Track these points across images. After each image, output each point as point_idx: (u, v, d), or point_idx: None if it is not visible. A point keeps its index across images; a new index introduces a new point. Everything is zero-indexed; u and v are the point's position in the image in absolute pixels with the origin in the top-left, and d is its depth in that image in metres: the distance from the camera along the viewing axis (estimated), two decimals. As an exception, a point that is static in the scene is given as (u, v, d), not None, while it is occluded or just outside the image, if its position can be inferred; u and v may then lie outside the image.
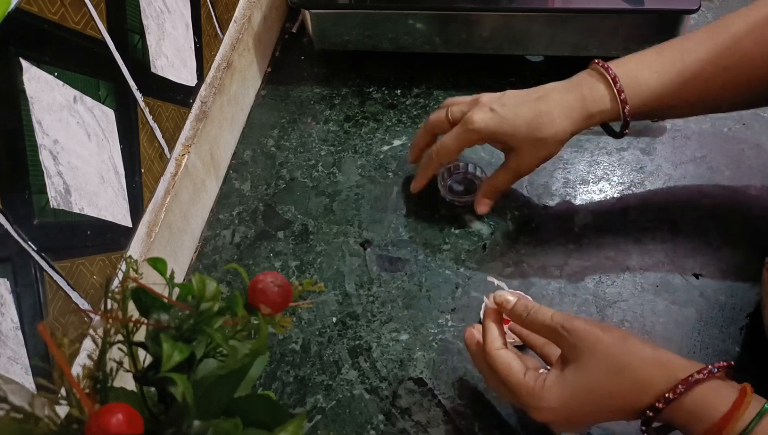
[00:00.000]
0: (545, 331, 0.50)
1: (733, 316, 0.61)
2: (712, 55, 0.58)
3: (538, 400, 0.47)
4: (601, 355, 0.45)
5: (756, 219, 0.68)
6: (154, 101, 0.63)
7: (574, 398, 0.46)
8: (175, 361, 0.32)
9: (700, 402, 0.43)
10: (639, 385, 0.45)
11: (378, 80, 0.86)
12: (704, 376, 0.43)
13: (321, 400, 0.60)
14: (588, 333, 0.46)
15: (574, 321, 0.47)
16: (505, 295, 0.53)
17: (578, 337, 0.46)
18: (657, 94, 0.60)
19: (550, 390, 0.47)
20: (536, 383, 0.48)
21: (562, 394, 0.47)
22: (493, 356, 0.50)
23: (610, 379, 0.45)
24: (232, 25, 0.80)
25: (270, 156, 0.80)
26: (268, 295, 0.36)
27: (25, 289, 0.46)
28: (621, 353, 0.45)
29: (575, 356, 0.47)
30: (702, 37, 0.60)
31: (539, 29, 0.78)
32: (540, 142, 0.61)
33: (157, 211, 0.64)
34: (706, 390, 0.43)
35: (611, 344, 0.46)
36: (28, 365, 0.46)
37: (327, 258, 0.70)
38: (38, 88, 0.47)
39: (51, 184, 0.49)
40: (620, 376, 0.45)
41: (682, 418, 0.44)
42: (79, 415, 0.31)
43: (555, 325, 0.48)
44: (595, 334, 0.46)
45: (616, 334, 0.46)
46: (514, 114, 0.62)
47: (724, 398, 0.42)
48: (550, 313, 0.49)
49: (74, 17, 0.50)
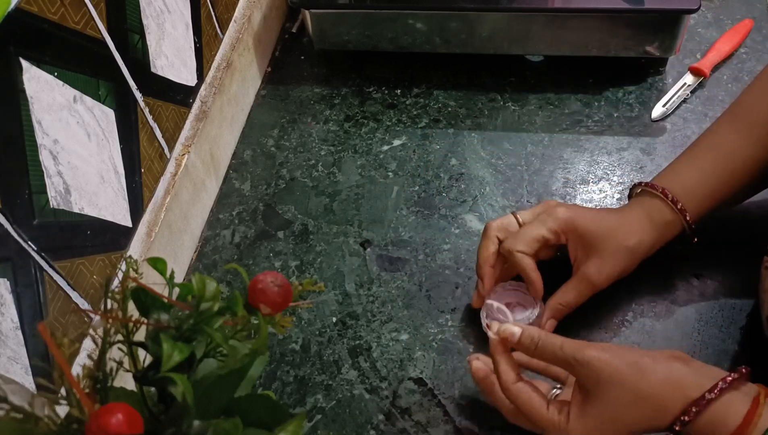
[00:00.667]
0: (557, 362, 0.49)
1: (732, 316, 0.61)
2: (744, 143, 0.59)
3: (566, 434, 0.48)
4: (618, 385, 0.46)
5: (756, 219, 0.68)
6: (154, 101, 0.63)
7: (598, 430, 0.47)
8: (175, 361, 0.32)
9: (714, 419, 0.44)
10: (657, 410, 0.46)
11: (378, 80, 0.86)
12: (715, 396, 0.44)
13: (321, 400, 0.60)
14: (601, 363, 0.46)
15: (586, 351, 0.47)
16: (510, 327, 0.51)
17: (593, 368, 0.46)
18: (708, 193, 0.60)
19: (574, 425, 0.47)
20: (560, 418, 0.48)
21: (587, 427, 0.47)
22: (512, 391, 0.50)
23: (630, 408, 0.46)
24: (232, 25, 0.80)
25: (270, 156, 0.80)
26: (268, 295, 0.36)
27: (25, 289, 0.46)
28: (636, 381, 0.46)
29: (593, 388, 0.47)
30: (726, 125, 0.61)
31: (539, 29, 0.78)
32: (625, 250, 0.58)
33: (157, 211, 0.64)
34: (718, 406, 0.44)
35: (625, 373, 0.46)
36: (28, 365, 0.46)
37: (327, 258, 0.70)
38: (38, 88, 0.47)
39: (51, 184, 0.49)
40: (639, 404, 0.46)
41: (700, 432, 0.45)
42: (79, 415, 0.31)
43: (567, 357, 0.48)
44: (607, 364, 0.46)
45: (630, 359, 0.46)
46: (599, 217, 0.59)
47: (735, 413, 0.43)
48: (559, 343, 0.49)
49: (74, 17, 0.50)
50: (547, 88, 0.82)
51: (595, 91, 0.81)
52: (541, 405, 0.49)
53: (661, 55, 0.79)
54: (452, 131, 0.79)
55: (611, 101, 0.80)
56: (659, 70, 0.82)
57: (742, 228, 0.67)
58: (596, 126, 0.78)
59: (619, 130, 0.77)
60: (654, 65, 0.82)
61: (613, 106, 0.79)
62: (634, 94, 0.80)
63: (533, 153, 0.76)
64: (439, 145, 0.78)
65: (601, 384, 0.46)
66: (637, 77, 0.82)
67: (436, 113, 0.81)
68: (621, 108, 0.79)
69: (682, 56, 0.82)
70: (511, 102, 0.81)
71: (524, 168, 0.75)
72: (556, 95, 0.81)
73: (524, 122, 0.79)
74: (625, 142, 0.76)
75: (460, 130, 0.79)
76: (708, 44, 0.82)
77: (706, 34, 0.85)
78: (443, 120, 0.81)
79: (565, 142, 0.77)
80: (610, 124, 0.78)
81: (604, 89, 0.81)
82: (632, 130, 0.77)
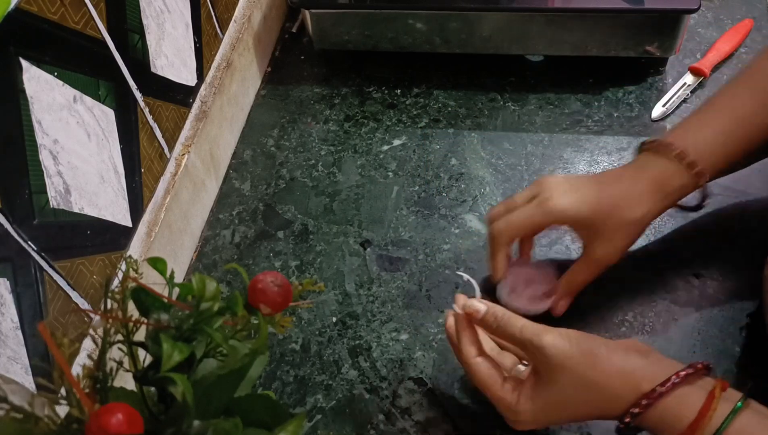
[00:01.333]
0: (516, 343, 0.50)
1: (733, 316, 0.61)
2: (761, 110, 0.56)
3: (515, 414, 0.49)
4: (570, 372, 0.46)
5: (756, 218, 0.68)
6: (154, 101, 0.63)
7: (547, 413, 0.48)
8: (175, 361, 0.32)
9: (666, 413, 0.44)
10: (607, 400, 0.46)
11: (378, 80, 0.86)
12: (666, 390, 0.43)
13: (321, 400, 0.60)
14: (557, 350, 0.47)
15: (543, 337, 0.47)
16: (474, 303, 0.52)
17: (548, 353, 0.47)
18: (724, 156, 0.57)
19: (524, 406, 0.48)
20: (512, 397, 0.49)
21: (535, 409, 0.48)
22: (471, 366, 0.51)
23: (579, 395, 0.46)
24: (232, 25, 0.80)
25: (270, 156, 0.80)
26: (268, 294, 0.36)
27: (25, 289, 0.46)
28: (588, 369, 0.46)
29: (545, 371, 0.47)
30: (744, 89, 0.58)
31: (539, 29, 0.78)
32: (628, 225, 0.56)
33: (157, 210, 0.64)
34: (671, 400, 0.44)
35: (579, 360, 0.46)
36: (28, 365, 0.46)
37: (327, 258, 0.70)
38: (38, 88, 0.47)
39: (51, 183, 0.49)
40: (588, 392, 0.46)
41: (651, 427, 0.45)
42: (79, 415, 0.31)
43: (524, 340, 0.48)
44: (562, 351, 0.46)
45: (584, 346, 0.47)
46: (596, 197, 0.56)
47: (690, 407, 0.43)
48: (519, 325, 0.49)
49: (74, 17, 0.50)
50: (547, 88, 0.82)
51: (595, 91, 0.81)
52: (496, 382, 0.50)
53: (661, 55, 0.78)
54: (452, 131, 0.79)
55: (611, 101, 0.80)
56: (659, 70, 0.82)
57: (742, 227, 0.67)
58: (596, 126, 0.78)
59: (619, 130, 0.77)
60: (654, 65, 0.82)
61: (613, 106, 0.79)
62: (634, 94, 0.80)
63: (533, 153, 0.76)
64: (439, 145, 0.78)
65: (552, 369, 0.46)
66: (637, 77, 0.82)
67: (436, 113, 0.81)
68: (621, 108, 0.79)
69: (682, 56, 0.82)
70: (511, 102, 0.81)
71: (524, 168, 0.75)
72: (556, 95, 0.81)
73: (524, 122, 0.79)
74: (625, 142, 0.76)
75: (460, 130, 0.79)
76: (708, 44, 0.82)
77: (706, 34, 0.85)
78: (443, 120, 0.81)
79: (565, 142, 0.77)
80: (610, 124, 0.78)
81: (604, 89, 0.81)
82: (632, 130, 0.77)
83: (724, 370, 0.58)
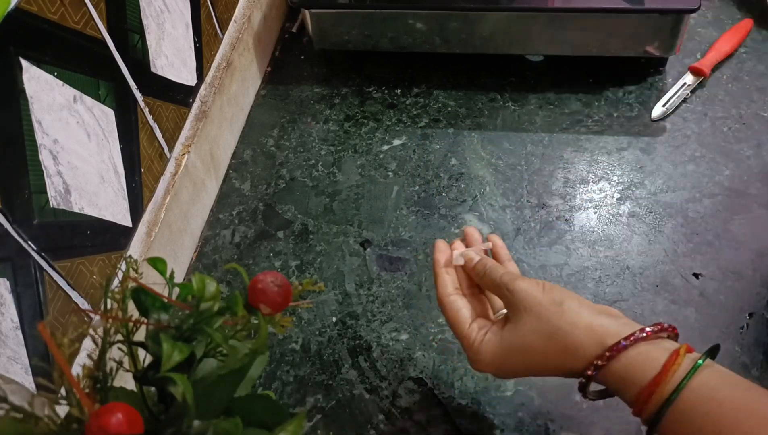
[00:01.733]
0: (494, 289, 0.50)
1: (732, 316, 0.61)
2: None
3: (475, 353, 0.49)
4: (536, 316, 0.46)
5: (756, 218, 0.68)
6: (154, 101, 0.63)
7: (507, 356, 0.47)
8: (175, 361, 0.32)
9: (631, 366, 0.43)
10: (569, 351, 0.45)
11: (378, 80, 0.86)
12: (632, 342, 0.43)
13: (321, 400, 0.60)
14: (527, 294, 0.47)
15: (519, 282, 0.48)
16: (469, 253, 0.53)
17: (518, 297, 0.47)
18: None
19: (486, 346, 0.48)
20: (476, 337, 0.49)
21: (496, 351, 0.48)
22: (444, 303, 0.52)
23: (542, 341, 0.46)
24: (232, 25, 0.80)
25: (270, 156, 0.80)
26: (268, 294, 0.36)
27: (25, 289, 0.46)
28: (554, 317, 0.46)
29: (514, 315, 0.48)
30: None
31: (539, 29, 0.78)
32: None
33: (156, 210, 0.64)
34: (636, 355, 0.43)
35: (547, 307, 0.46)
36: (28, 365, 0.46)
37: (327, 258, 0.70)
38: (38, 88, 0.47)
39: (51, 183, 0.49)
40: (552, 339, 0.45)
41: (615, 382, 0.44)
42: (79, 415, 0.31)
43: (501, 285, 0.49)
44: (533, 296, 0.47)
45: (555, 297, 0.47)
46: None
47: (655, 360, 0.42)
48: (501, 272, 0.50)
49: (74, 17, 0.50)
50: (547, 88, 0.82)
51: (595, 90, 0.81)
52: (464, 320, 0.50)
53: (661, 54, 0.79)
54: (452, 131, 0.79)
55: (611, 101, 0.80)
56: (659, 69, 0.82)
57: (742, 228, 0.67)
58: (596, 126, 0.78)
59: (619, 130, 0.77)
60: (654, 65, 0.82)
61: (613, 105, 0.79)
62: (634, 94, 0.80)
63: (533, 153, 0.76)
64: (439, 144, 0.78)
65: (521, 312, 0.47)
66: (637, 77, 0.82)
67: (436, 113, 0.81)
68: (621, 108, 0.79)
69: (682, 56, 0.82)
70: (511, 102, 0.81)
71: (524, 168, 0.75)
72: (556, 95, 0.81)
73: (524, 122, 0.79)
74: (625, 142, 0.76)
75: (460, 130, 0.79)
76: (708, 44, 0.82)
77: (706, 33, 0.85)
78: (443, 120, 0.81)
79: (565, 141, 0.77)
80: (610, 123, 0.78)
81: (604, 89, 0.81)
82: (632, 129, 0.77)
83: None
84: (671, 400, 0.40)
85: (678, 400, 0.40)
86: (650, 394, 0.41)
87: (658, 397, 0.41)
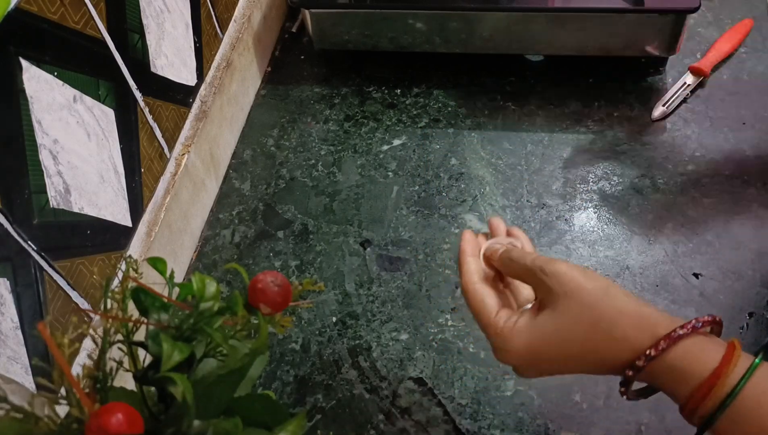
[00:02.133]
0: (525, 275, 0.46)
1: (733, 316, 0.61)
2: None
3: (504, 341, 0.44)
4: (578, 302, 0.41)
5: (756, 219, 0.68)
6: (154, 101, 0.63)
7: (543, 344, 0.43)
8: (175, 361, 0.32)
9: (686, 359, 0.39)
10: (615, 340, 0.40)
11: (378, 80, 0.86)
12: (688, 331, 0.39)
13: (321, 400, 0.60)
14: (569, 278, 0.42)
15: (558, 264, 0.43)
16: (492, 245, 0.50)
17: (558, 281, 0.42)
18: None
19: (519, 333, 0.43)
20: (506, 324, 0.44)
21: (531, 338, 0.43)
22: (469, 291, 0.47)
23: (584, 328, 0.41)
24: (232, 25, 0.80)
25: (270, 156, 0.80)
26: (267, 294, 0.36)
27: (25, 289, 0.46)
28: (599, 303, 0.41)
29: (552, 301, 0.43)
30: None
31: (539, 29, 0.78)
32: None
33: (156, 210, 0.64)
34: (691, 346, 0.39)
35: (591, 292, 0.41)
36: (28, 365, 0.46)
37: (327, 257, 0.70)
38: (38, 88, 0.47)
39: (51, 183, 0.49)
40: (595, 327, 0.41)
41: (665, 376, 0.40)
42: (79, 415, 0.31)
43: (535, 268, 0.44)
44: (575, 280, 0.42)
45: (600, 283, 0.42)
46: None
47: (711, 353, 0.38)
48: (532, 256, 0.45)
49: (74, 17, 0.50)
50: (547, 88, 0.82)
51: (595, 90, 0.81)
52: (491, 309, 0.45)
53: (660, 54, 0.78)
54: (452, 131, 0.79)
55: (611, 101, 0.80)
56: (659, 69, 0.82)
57: (742, 227, 0.67)
58: (596, 126, 0.78)
59: (619, 130, 0.77)
60: (654, 65, 0.82)
61: (612, 105, 0.79)
62: (633, 94, 0.80)
63: (533, 152, 0.76)
64: (439, 144, 0.78)
65: (561, 297, 0.42)
66: (637, 77, 0.82)
67: (436, 113, 0.81)
68: (621, 108, 0.79)
69: (682, 56, 0.82)
70: (511, 101, 0.81)
71: (524, 167, 0.75)
72: (556, 95, 0.81)
73: (524, 122, 0.79)
74: (625, 142, 0.76)
75: (460, 130, 0.79)
76: (708, 44, 0.82)
77: (706, 33, 0.85)
78: (443, 120, 0.81)
79: (565, 141, 0.77)
80: (610, 123, 0.78)
81: (603, 89, 0.81)
82: (632, 129, 0.77)
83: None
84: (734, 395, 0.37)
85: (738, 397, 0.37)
86: (710, 388, 0.37)
87: (718, 393, 0.37)
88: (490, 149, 0.77)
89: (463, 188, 0.74)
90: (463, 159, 0.76)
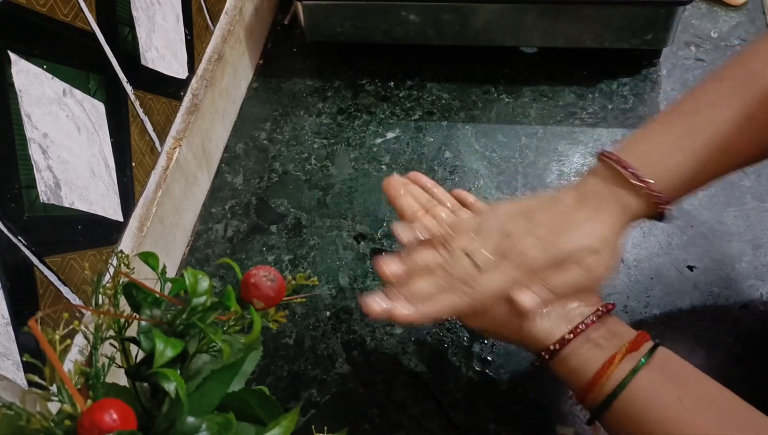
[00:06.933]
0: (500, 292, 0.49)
1: (726, 308, 0.62)
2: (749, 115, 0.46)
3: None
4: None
5: (749, 211, 0.68)
6: (145, 94, 0.62)
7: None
8: (167, 357, 0.32)
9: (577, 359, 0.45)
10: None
11: (371, 72, 0.85)
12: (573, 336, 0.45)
13: (315, 395, 0.60)
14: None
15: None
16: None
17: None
18: (697, 184, 0.48)
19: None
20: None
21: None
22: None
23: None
24: (223, 17, 0.80)
25: (262, 149, 0.79)
26: (261, 289, 0.36)
27: (15, 285, 0.46)
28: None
29: None
30: (727, 96, 0.47)
31: (533, 20, 0.78)
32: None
33: (148, 205, 0.64)
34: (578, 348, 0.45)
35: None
36: (20, 361, 0.46)
37: (320, 252, 0.70)
38: (27, 82, 0.46)
39: (41, 178, 0.48)
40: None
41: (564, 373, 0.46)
42: (71, 412, 0.31)
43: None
44: None
45: None
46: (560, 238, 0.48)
47: (595, 362, 0.44)
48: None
49: (63, 9, 0.49)
50: (541, 80, 0.82)
51: (590, 83, 0.81)
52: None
53: (655, 46, 0.78)
54: (446, 124, 0.79)
55: (605, 93, 0.80)
56: (653, 61, 0.82)
57: (736, 220, 0.67)
58: (590, 118, 0.78)
59: (614, 123, 0.77)
60: (648, 57, 0.82)
61: (607, 98, 0.79)
62: (628, 86, 0.80)
63: (527, 145, 0.76)
64: (433, 137, 0.78)
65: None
66: (631, 69, 0.82)
67: (429, 106, 0.81)
68: (615, 100, 0.79)
69: (676, 47, 0.82)
70: (504, 94, 0.81)
71: (518, 160, 0.75)
72: (550, 87, 0.81)
73: (518, 114, 0.79)
74: (619, 134, 0.76)
75: (453, 123, 0.79)
76: (703, 36, 0.82)
77: (699, 25, 0.84)
78: (437, 112, 0.80)
79: (560, 134, 0.77)
80: (605, 116, 0.78)
81: (598, 81, 0.81)
82: (627, 122, 0.77)
83: (718, 362, 0.58)
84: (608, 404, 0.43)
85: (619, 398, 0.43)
86: (591, 390, 0.44)
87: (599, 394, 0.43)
88: (484, 142, 0.77)
89: (457, 181, 0.74)
90: (457, 152, 0.76)
